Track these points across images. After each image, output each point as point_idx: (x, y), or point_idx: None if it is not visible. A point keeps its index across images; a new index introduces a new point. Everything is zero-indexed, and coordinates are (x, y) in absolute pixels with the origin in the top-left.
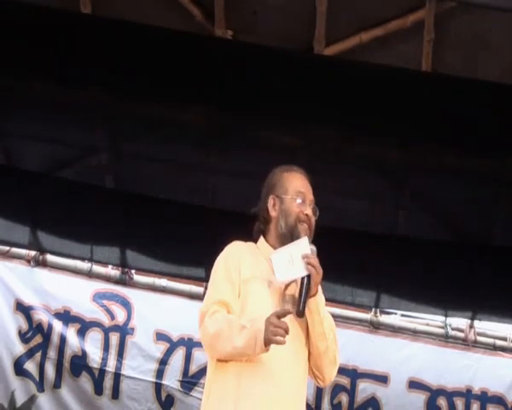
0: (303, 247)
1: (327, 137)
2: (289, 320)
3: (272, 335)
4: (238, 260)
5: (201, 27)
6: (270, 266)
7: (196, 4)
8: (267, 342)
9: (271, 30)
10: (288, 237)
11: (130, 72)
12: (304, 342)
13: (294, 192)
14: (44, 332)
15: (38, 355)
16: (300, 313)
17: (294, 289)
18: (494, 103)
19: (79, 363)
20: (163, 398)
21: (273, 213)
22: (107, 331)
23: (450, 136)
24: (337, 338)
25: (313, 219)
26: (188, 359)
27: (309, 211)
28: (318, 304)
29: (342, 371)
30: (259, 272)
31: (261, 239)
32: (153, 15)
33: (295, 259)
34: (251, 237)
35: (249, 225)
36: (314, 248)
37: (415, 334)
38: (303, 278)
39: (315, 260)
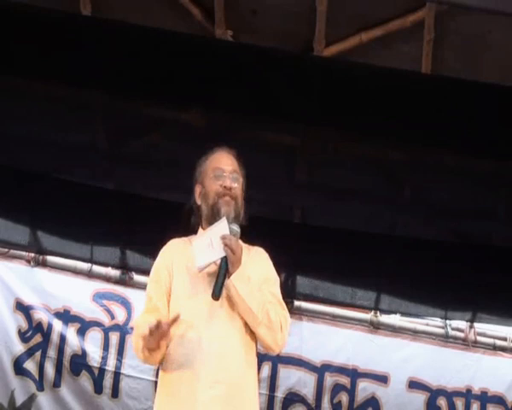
0: (222, 228)
1: (327, 138)
2: (223, 298)
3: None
4: (170, 258)
5: (201, 27)
6: None
7: (196, 4)
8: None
9: (271, 30)
10: (211, 215)
11: (130, 72)
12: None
13: (211, 170)
14: (44, 332)
15: (38, 354)
16: (215, 296)
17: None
18: (494, 104)
19: (79, 362)
20: None
21: (199, 201)
22: (106, 331)
23: (450, 136)
24: (283, 304)
25: (235, 189)
26: None
27: (228, 182)
28: (236, 284)
29: (342, 370)
30: (191, 261)
31: (199, 230)
32: (152, 16)
33: (214, 242)
34: (249, 237)
35: (249, 226)
36: (236, 228)
37: (415, 334)
38: (221, 260)
39: (230, 240)
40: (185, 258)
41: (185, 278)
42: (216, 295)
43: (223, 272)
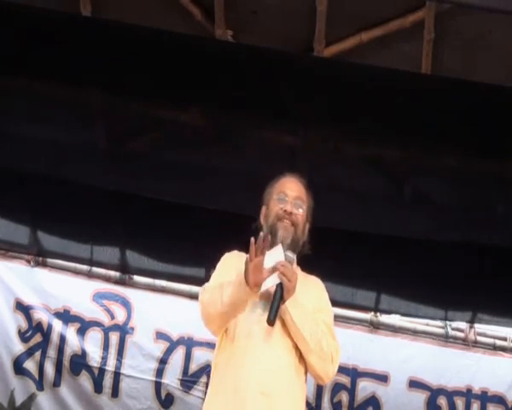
0: (277, 255)
1: (327, 137)
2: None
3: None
4: (236, 268)
5: (201, 27)
6: None
7: (196, 4)
8: (248, 280)
9: (271, 30)
10: (270, 236)
11: (130, 72)
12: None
13: (276, 193)
14: (44, 331)
15: (38, 354)
16: (270, 322)
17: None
18: (494, 104)
19: (79, 362)
20: (163, 397)
21: (262, 222)
22: (106, 331)
23: (451, 136)
24: (335, 335)
25: (296, 215)
26: (188, 358)
27: (288, 207)
28: (291, 310)
29: (342, 370)
30: None
31: None
32: (152, 16)
33: (270, 268)
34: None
35: (249, 226)
36: (291, 255)
37: (415, 334)
38: (277, 286)
39: (286, 268)
40: None
41: None
42: (271, 320)
43: (278, 298)
